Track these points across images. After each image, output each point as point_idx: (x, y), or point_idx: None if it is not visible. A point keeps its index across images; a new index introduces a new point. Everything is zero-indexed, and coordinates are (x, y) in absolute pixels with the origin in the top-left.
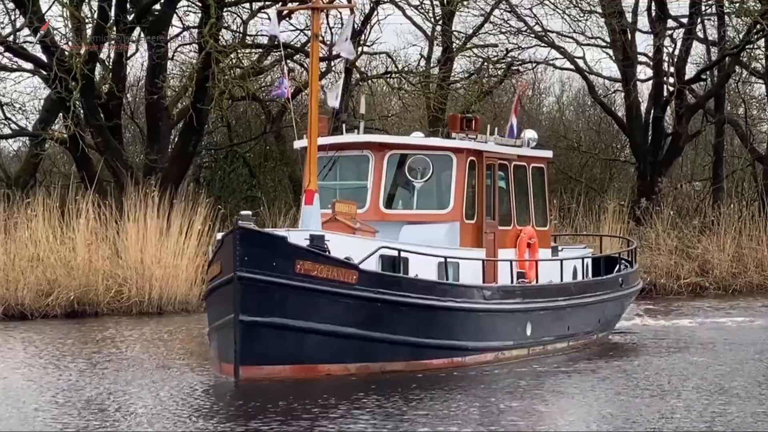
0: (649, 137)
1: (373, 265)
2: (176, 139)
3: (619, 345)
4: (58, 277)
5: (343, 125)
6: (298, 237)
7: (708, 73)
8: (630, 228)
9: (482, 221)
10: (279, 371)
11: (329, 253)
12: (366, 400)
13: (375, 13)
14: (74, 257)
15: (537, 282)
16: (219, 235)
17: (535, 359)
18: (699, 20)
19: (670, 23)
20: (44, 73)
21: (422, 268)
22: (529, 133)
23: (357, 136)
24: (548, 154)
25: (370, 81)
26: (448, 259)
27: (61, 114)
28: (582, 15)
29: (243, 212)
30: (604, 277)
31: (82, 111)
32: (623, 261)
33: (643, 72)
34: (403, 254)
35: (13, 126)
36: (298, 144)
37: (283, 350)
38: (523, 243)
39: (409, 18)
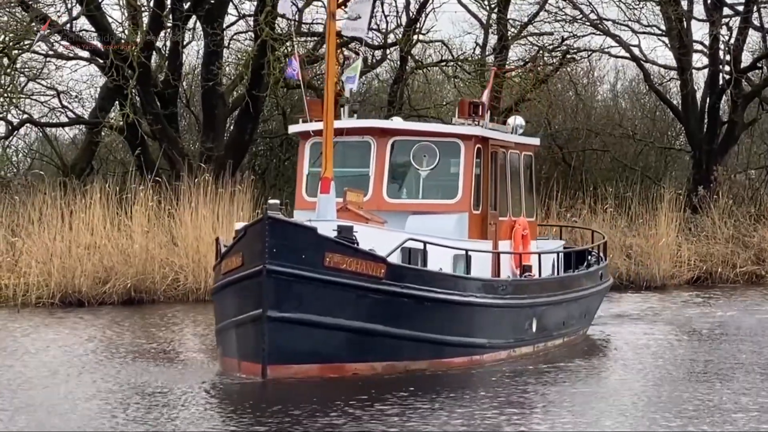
0: (705, 125)
1: (395, 257)
2: (232, 127)
3: (659, 339)
4: (115, 264)
5: (341, 109)
6: (324, 228)
7: (764, 61)
8: (686, 216)
9: (487, 211)
10: (307, 370)
11: (358, 245)
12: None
13: (430, 1)
14: (131, 245)
15: (540, 275)
16: (238, 225)
17: (550, 355)
18: (755, 8)
19: (726, 11)
20: (101, 61)
21: (437, 261)
22: (518, 120)
23: (357, 121)
24: (536, 141)
25: (425, 69)
26: (468, 252)
27: (117, 102)
28: (637, 3)
29: (271, 201)
30: (589, 270)
31: (138, 99)
32: (594, 255)
33: (699, 60)
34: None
35: (69, 114)
36: (294, 129)
37: (311, 348)
38: (519, 234)
39: (465, 6)
